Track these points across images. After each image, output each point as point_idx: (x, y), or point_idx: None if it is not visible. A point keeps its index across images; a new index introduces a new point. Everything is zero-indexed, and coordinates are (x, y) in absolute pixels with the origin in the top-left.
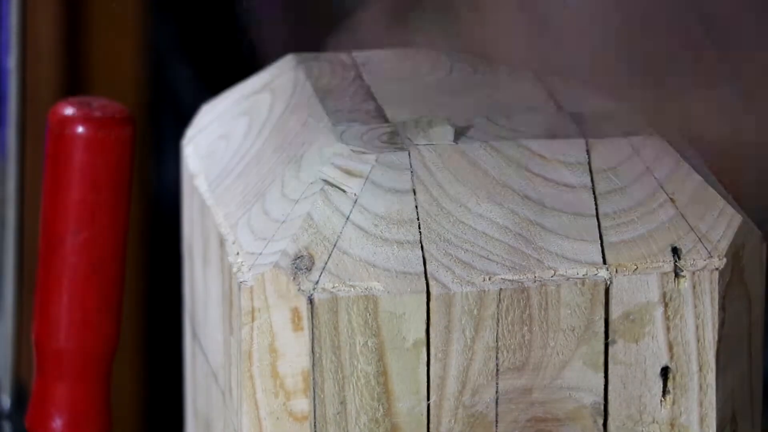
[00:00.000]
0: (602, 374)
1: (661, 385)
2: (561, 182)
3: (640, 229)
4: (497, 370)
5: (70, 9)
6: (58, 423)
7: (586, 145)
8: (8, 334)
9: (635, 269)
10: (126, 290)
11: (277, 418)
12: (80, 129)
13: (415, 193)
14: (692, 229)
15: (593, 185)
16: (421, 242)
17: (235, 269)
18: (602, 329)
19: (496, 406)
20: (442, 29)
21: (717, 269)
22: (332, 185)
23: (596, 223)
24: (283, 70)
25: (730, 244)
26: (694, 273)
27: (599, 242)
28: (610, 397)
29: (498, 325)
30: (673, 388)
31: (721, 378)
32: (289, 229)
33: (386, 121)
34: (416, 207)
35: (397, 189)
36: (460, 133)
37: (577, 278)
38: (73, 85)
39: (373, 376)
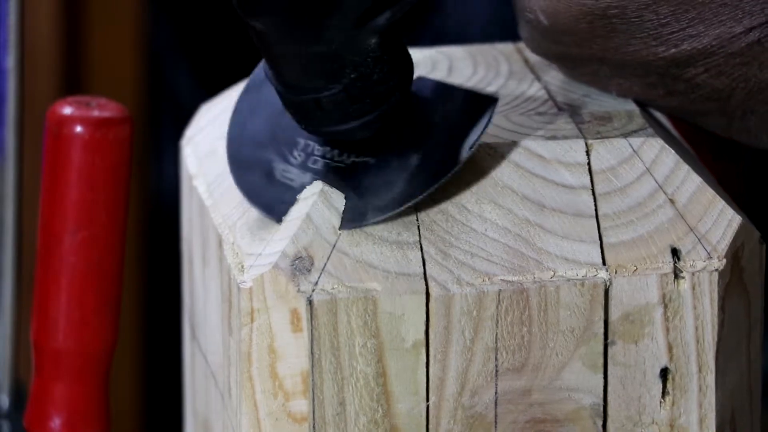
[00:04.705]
0: (601, 375)
1: (661, 386)
2: (560, 183)
3: (639, 230)
4: (496, 371)
5: (69, 9)
6: (56, 423)
7: (586, 145)
8: (7, 334)
9: (635, 270)
10: (125, 290)
11: (276, 419)
12: (78, 129)
13: None
14: (692, 230)
15: (593, 186)
16: (420, 243)
17: (234, 270)
18: (601, 330)
19: (496, 407)
20: None
21: (716, 270)
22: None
23: (596, 224)
24: None
25: (730, 244)
26: (693, 274)
27: (599, 243)
28: (609, 398)
29: (497, 326)
30: (673, 389)
31: (720, 379)
32: (289, 230)
33: None
34: (415, 208)
35: None
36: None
37: (576, 279)
38: (72, 85)
39: (372, 377)
